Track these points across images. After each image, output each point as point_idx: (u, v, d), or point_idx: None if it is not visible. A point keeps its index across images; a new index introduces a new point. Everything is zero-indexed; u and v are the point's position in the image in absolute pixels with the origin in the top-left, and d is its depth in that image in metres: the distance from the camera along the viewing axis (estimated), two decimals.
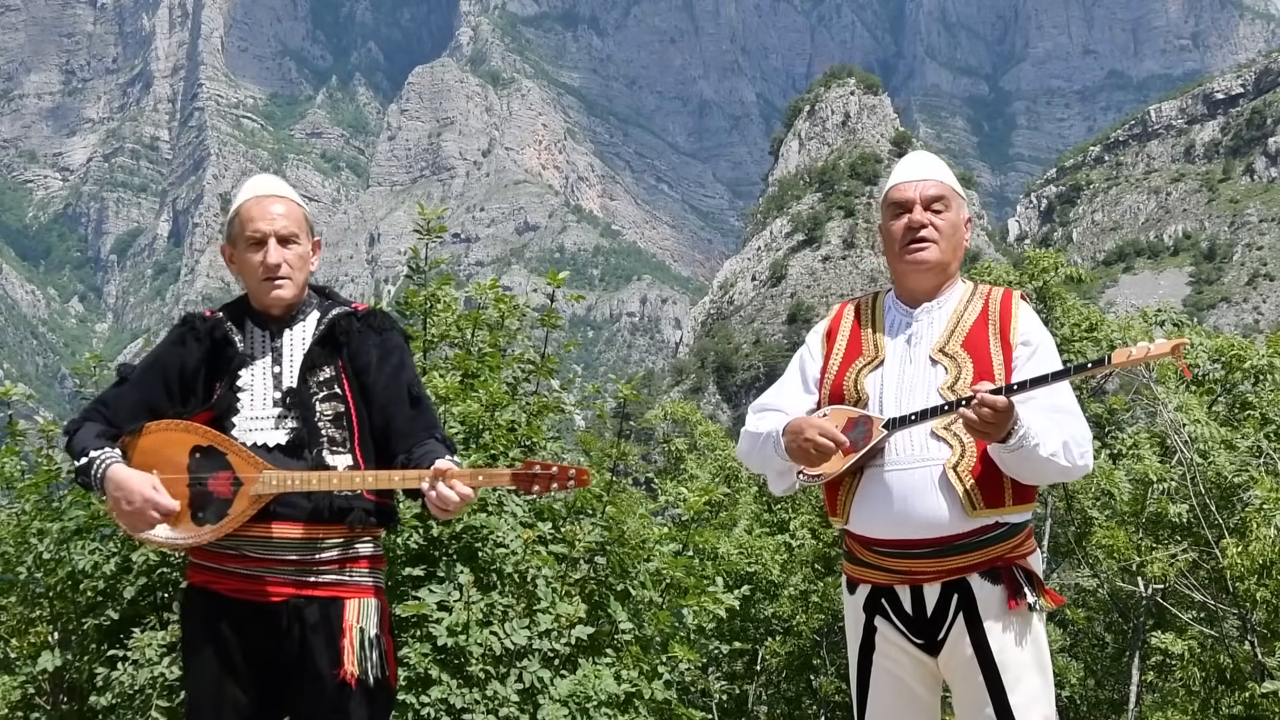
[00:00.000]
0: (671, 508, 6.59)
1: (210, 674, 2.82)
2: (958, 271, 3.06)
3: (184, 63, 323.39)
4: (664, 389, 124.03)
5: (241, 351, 2.91)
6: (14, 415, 5.59)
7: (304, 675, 2.81)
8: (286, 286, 2.91)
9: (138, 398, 2.90)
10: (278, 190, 2.98)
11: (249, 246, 2.91)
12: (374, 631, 2.85)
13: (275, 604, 2.80)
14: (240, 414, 2.86)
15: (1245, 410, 9.14)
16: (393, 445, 2.89)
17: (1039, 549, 3.00)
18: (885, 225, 3.04)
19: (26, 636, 5.18)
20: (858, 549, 2.97)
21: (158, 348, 2.98)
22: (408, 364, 2.99)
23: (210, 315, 2.98)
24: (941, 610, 2.85)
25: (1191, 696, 8.12)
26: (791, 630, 10.55)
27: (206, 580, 2.86)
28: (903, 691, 2.94)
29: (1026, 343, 2.92)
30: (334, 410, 2.88)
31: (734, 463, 14.31)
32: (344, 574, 2.85)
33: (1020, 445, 2.71)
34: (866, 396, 2.93)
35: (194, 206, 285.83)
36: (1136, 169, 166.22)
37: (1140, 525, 8.77)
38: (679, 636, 5.46)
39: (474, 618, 4.51)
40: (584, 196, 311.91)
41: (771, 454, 2.99)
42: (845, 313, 3.14)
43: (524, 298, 6.40)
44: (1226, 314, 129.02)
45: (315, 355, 2.91)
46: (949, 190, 3.00)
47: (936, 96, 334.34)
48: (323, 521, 2.82)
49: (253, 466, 2.78)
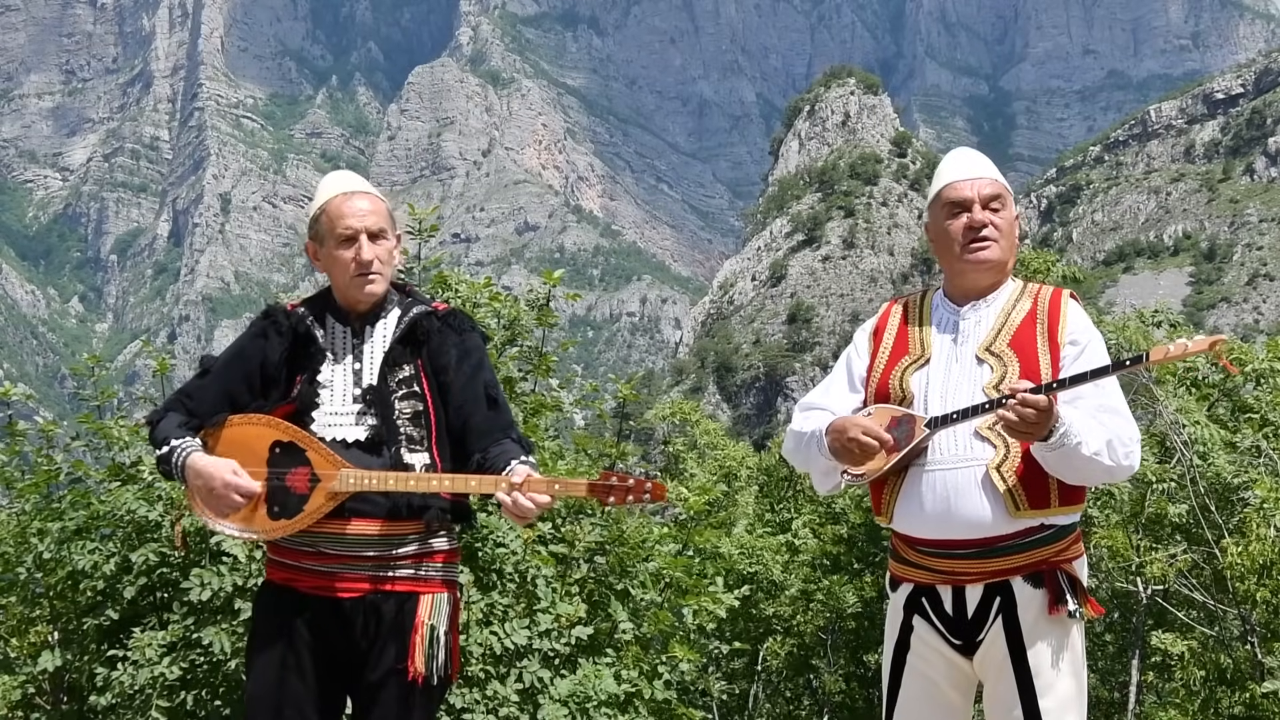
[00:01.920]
0: (671, 507, 6.59)
1: (273, 671, 2.82)
2: (1012, 270, 3.04)
3: (184, 63, 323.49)
4: (664, 389, 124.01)
5: (323, 347, 2.93)
6: (14, 415, 5.59)
7: (371, 670, 2.83)
8: (378, 282, 2.91)
9: (220, 389, 2.92)
10: (362, 186, 2.99)
11: (339, 243, 2.90)
12: (444, 628, 2.86)
13: (352, 599, 2.82)
14: (320, 409, 2.88)
15: (1245, 413, 9.13)
16: (469, 444, 2.90)
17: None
18: (940, 225, 2.98)
19: (26, 636, 5.18)
20: (902, 548, 2.95)
21: (240, 339, 3.00)
22: (486, 365, 3.00)
23: (292, 309, 2.98)
24: (983, 612, 2.83)
25: (1192, 696, 8.12)
26: (792, 630, 10.55)
27: (287, 578, 2.87)
28: (934, 694, 2.92)
29: (1074, 342, 2.88)
30: (412, 409, 2.90)
31: (733, 462, 14.32)
32: (420, 569, 2.87)
33: (1061, 444, 2.68)
34: (912, 395, 2.91)
35: (194, 206, 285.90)
36: (1136, 169, 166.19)
37: (1140, 526, 8.78)
38: (679, 636, 5.46)
39: (474, 618, 4.52)
40: (584, 196, 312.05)
41: (815, 453, 2.96)
42: (893, 311, 3.10)
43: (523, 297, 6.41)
44: (1226, 314, 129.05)
45: (396, 353, 2.92)
46: (1003, 188, 2.97)
47: (936, 96, 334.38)
48: (400, 518, 2.83)
49: (331, 464, 2.79)
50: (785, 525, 11.57)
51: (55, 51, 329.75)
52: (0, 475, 5.32)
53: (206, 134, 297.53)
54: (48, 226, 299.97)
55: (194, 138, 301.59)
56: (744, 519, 10.94)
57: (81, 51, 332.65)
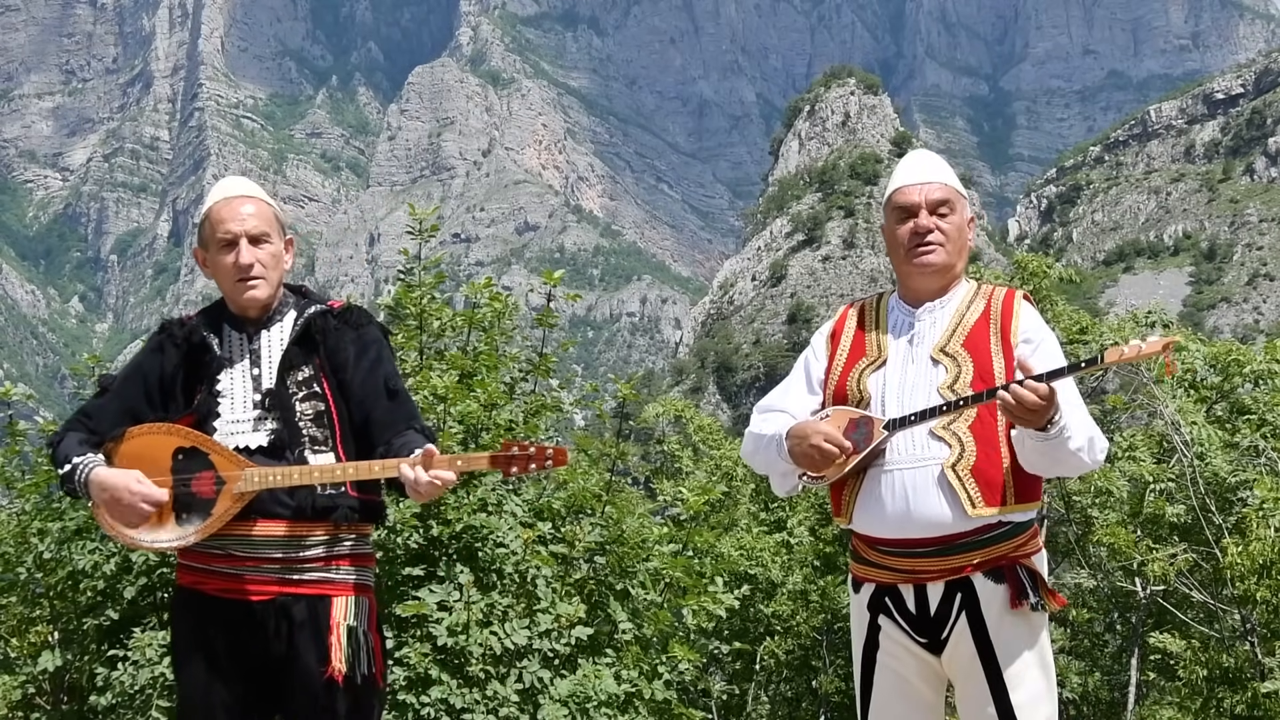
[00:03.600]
0: (669, 507, 6.58)
1: (200, 675, 2.83)
2: (963, 272, 3.08)
3: (184, 63, 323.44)
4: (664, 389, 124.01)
5: (219, 355, 2.91)
6: (14, 415, 5.59)
7: (292, 673, 2.82)
8: (260, 286, 2.90)
9: (119, 406, 2.91)
10: (246, 190, 2.97)
11: (221, 248, 2.90)
12: (361, 629, 2.85)
13: (262, 602, 2.81)
14: (221, 418, 2.86)
15: (1243, 415, 9.14)
16: (373, 437, 2.88)
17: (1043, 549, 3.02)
18: (890, 229, 3.04)
19: (27, 636, 5.18)
20: (862, 548, 2.99)
21: (137, 356, 3.00)
22: (385, 358, 2.98)
23: (187, 320, 2.99)
24: (945, 609, 2.87)
25: (1192, 696, 8.12)
26: (791, 630, 10.56)
27: (194, 581, 2.87)
28: (906, 690, 2.96)
29: (1028, 340, 2.93)
30: (314, 409, 2.88)
31: (730, 461, 14.32)
32: (330, 571, 2.85)
33: (1058, 435, 2.73)
34: (869, 397, 2.95)
35: (194, 206, 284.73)
36: (1136, 169, 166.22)
37: (1139, 525, 8.78)
38: (679, 636, 5.46)
39: (474, 618, 4.52)
40: (584, 196, 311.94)
41: (775, 457, 3.00)
42: (849, 314, 3.15)
43: (523, 297, 6.41)
44: (1226, 314, 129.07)
45: (293, 355, 2.90)
46: (953, 193, 3.01)
47: (936, 96, 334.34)
48: (306, 519, 2.82)
49: (235, 465, 2.79)
50: (781, 524, 11.57)
51: (55, 51, 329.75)
52: (1, 475, 5.32)
53: (206, 134, 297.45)
54: (48, 226, 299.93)
55: (194, 138, 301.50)
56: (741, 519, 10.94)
57: (81, 51, 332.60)
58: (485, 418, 5.22)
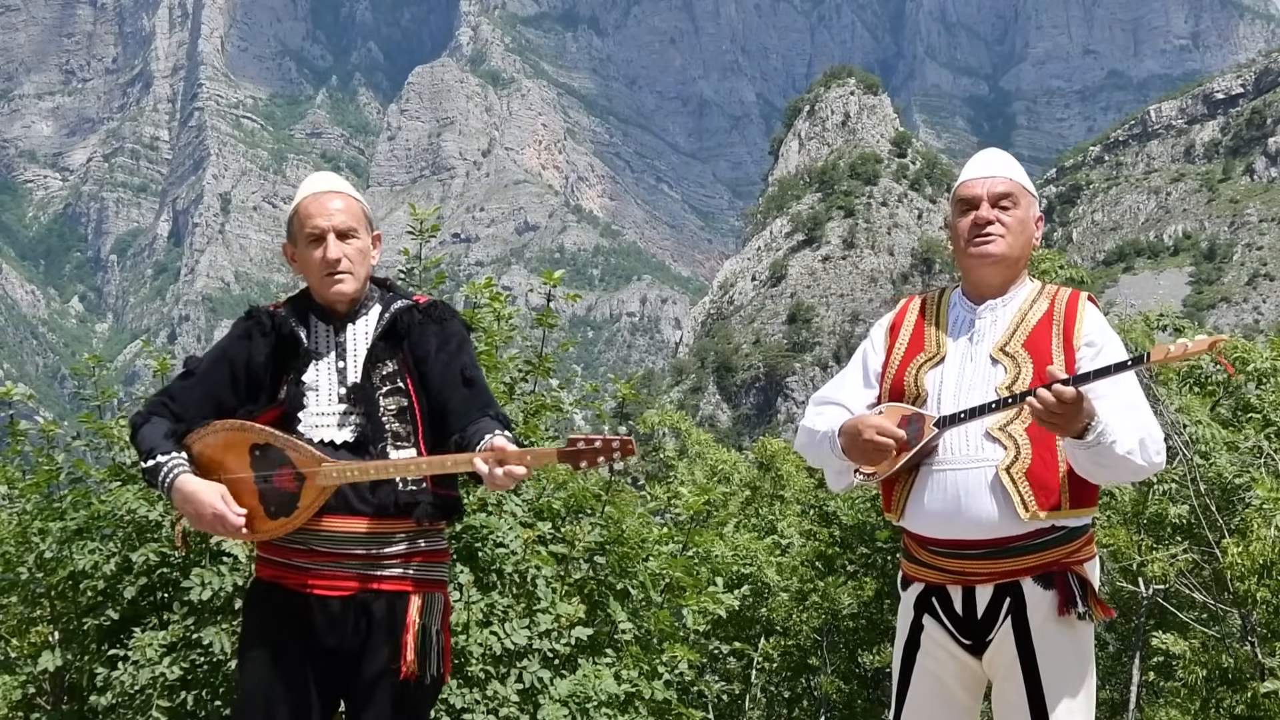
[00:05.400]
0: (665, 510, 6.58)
1: (265, 669, 2.82)
2: (1025, 269, 3.04)
3: (184, 63, 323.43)
4: (664, 389, 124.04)
5: (308, 347, 2.91)
6: (14, 415, 5.59)
7: (363, 669, 2.82)
8: (347, 281, 2.90)
9: (204, 392, 2.90)
10: (335, 186, 2.98)
11: (309, 243, 2.90)
12: (436, 627, 2.87)
13: (342, 598, 2.82)
14: (307, 409, 2.87)
15: (1248, 413, 9.13)
16: (449, 426, 2.87)
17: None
18: (953, 222, 3.02)
19: (27, 636, 5.18)
20: (914, 547, 2.96)
21: (223, 341, 2.98)
22: (465, 349, 2.98)
23: (275, 309, 2.97)
24: (992, 612, 2.83)
25: (1192, 696, 8.12)
26: (789, 631, 10.55)
27: (275, 575, 2.88)
28: (943, 694, 2.92)
29: (1091, 344, 2.88)
30: (397, 404, 2.89)
31: (725, 466, 14.36)
32: (410, 568, 2.86)
33: (1098, 442, 2.67)
34: (926, 393, 2.91)
35: (194, 206, 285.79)
36: (1136, 169, 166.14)
37: (1141, 525, 8.78)
38: (679, 636, 5.46)
39: (474, 618, 4.52)
40: (584, 196, 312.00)
41: (829, 454, 2.97)
42: (910, 307, 3.11)
43: (523, 297, 6.41)
44: (1226, 314, 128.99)
45: (378, 350, 2.90)
46: (1018, 187, 2.98)
47: (936, 96, 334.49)
48: (388, 516, 2.83)
49: (312, 460, 2.78)
50: (771, 528, 11.56)
51: (55, 51, 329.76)
52: (1, 475, 5.32)
53: (206, 134, 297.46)
54: (48, 226, 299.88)
55: (194, 138, 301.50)
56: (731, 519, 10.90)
57: (81, 51, 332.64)
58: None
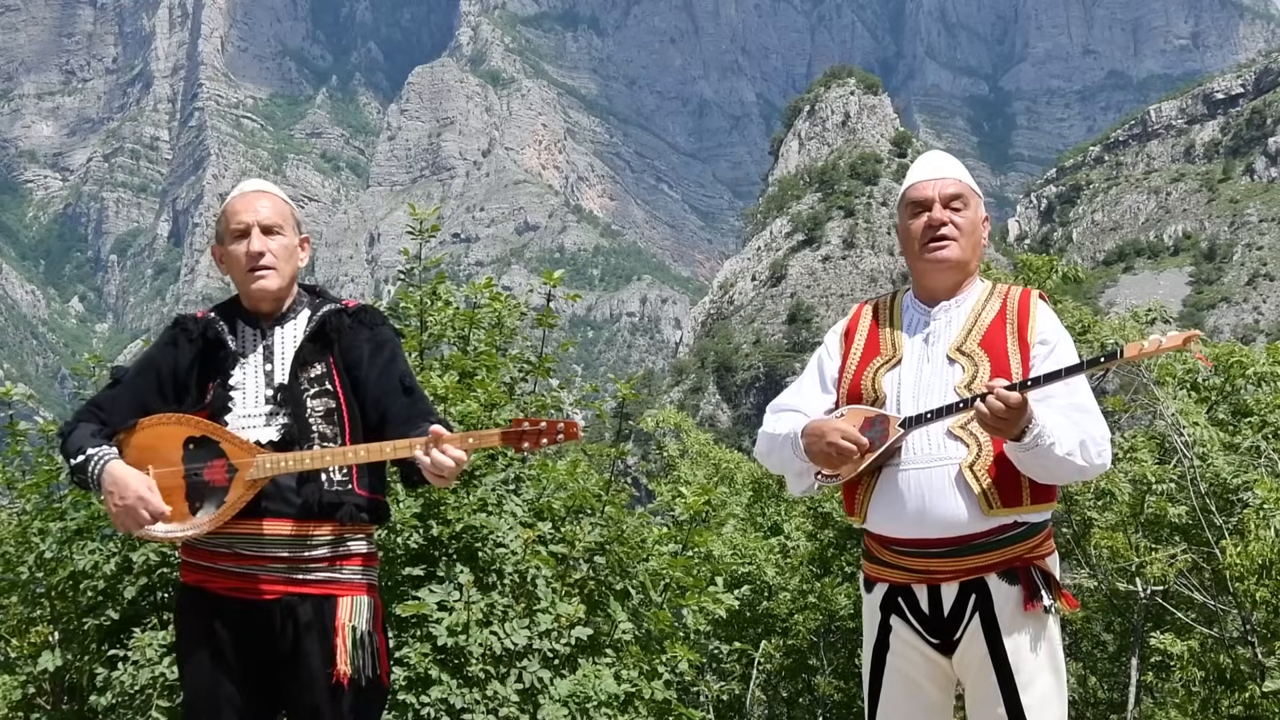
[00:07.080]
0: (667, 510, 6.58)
1: (205, 673, 2.83)
2: (977, 270, 3.07)
3: (184, 63, 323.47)
4: (664, 389, 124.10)
5: (233, 350, 2.92)
6: (14, 415, 5.59)
7: (297, 673, 2.82)
8: (270, 276, 2.91)
9: (131, 399, 2.91)
10: (263, 188, 3.02)
11: (234, 239, 2.93)
12: (366, 629, 2.86)
13: (268, 601, 2.81)
14: (233, 412, 2.88)
15: (1244, 416, 9.13)
16: (389, 434, 2.86)
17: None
18: (904, 224, 3.03)
19: (27, 636, 5.18)
20: (876, 548, 2.97)
21: (150, 349, 3.01)
22: (399, 356, 3.00)
23: (202, 316, 3.00)
24: (958, 610, 2.85)
25: (1191, 697, 8.12)
26: (789, 631, 10.55)
27: (200, 579, 2.88)
28: (915, 692, 2.94)
29: (1044, 341, 2.91)
30: (325, 406, 2.89)
31: (728, 465, 14.34)
32: (336, 571, 2.86)
33: (1035, 444, 2.70)
34: (884, 396, 2.93)
35: (194, 206, 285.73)
36: (1136, 169, 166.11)
37: (1140, 526, 8.78)
38: (679, 636, 5.46)
39: (474, 618, 4.52)
40: (584, 196, 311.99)
41: (790, 456, 2.98)
42: (864, 313, 3.13)
43: (523, 297, 6.41)
44: (1226, 314, 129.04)
45: (306, 352, 2.92)
46: (967, 188, 3.00)
47: (936, 96, 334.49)
48: (313, 518, 2.83)
49: (246, 452, 2.79)
50: (777, 528, 11.55)
51: (55, 51, 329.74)
52: (1, 475, 5.32)
53: (206, 134, 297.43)
54: (48, 226, 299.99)
55: (194, 138, 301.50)
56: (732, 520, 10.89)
57: (81, 51, 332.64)
58: (485, 418, 5.23)
